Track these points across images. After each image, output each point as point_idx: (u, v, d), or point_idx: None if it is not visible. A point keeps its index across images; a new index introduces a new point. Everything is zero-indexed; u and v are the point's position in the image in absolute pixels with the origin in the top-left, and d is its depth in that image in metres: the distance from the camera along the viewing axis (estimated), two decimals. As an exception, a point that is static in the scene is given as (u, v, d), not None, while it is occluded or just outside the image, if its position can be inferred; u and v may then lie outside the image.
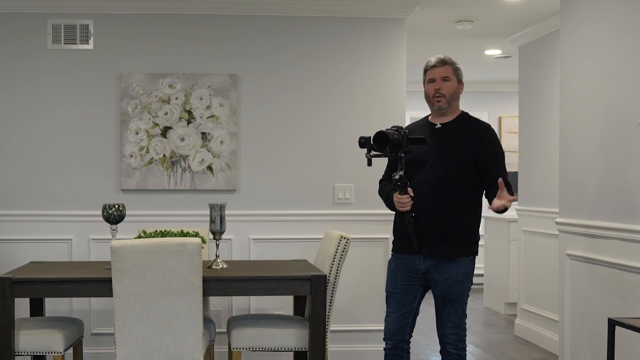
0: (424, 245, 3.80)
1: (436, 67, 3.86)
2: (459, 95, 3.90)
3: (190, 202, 5.52)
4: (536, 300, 6.57)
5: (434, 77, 3.85)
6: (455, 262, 3.79)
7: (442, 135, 3.85)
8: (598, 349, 4.27)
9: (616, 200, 4.16)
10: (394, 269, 3.92)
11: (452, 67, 3.88)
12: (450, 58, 3.90)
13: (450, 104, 3.86)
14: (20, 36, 5.49)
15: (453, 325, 3.83)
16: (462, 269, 3.81)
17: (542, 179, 6.45)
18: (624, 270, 4.06)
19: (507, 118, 10.08)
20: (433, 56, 3.92)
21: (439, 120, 3.90)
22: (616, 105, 4.16)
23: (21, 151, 5.49)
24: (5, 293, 3.95)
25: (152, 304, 3.88)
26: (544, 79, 6.44)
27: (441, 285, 3.80)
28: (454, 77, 3.86)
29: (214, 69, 5.57)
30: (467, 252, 3.83)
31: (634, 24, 4.01)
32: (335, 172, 5.66)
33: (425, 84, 3.91)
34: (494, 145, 3.85)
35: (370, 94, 5.65)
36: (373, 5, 5.60)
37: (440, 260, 3.79)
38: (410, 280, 3.86)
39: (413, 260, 3.83)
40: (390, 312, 3.91)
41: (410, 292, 3.87)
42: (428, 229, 3.78)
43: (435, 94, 3.85)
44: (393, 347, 3.92)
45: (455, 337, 3.83)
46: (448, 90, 3.84)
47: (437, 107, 3.86)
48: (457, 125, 3.87)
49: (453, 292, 3.80)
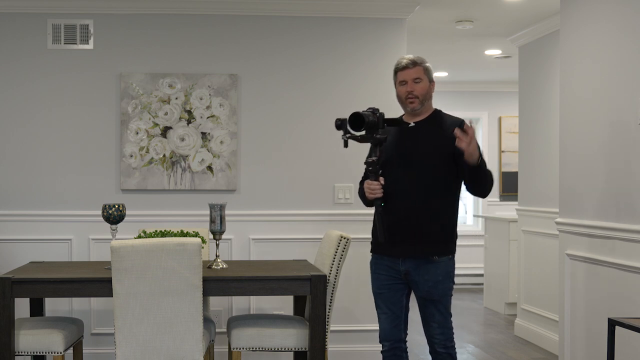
0: (401, 245, 3.76)
1: (407, 68, 3.82)
2: (431, 95, 3.87)
3: (190, 202, 5.52)
4: (536, 300, 6.57)
5: (406, 79, 3.82)
6: (434, 263, 3.75)
7: (417, 133, 3.81)
8: (598, 349, 4.27)
9: (616, 200, 4.16)
10: (375, 270, 3.90)
11: (423, 67, 3.83)
12: (420, 58, 3.86)
13: (423, 104, 3.83)
14: (20, 36, 5.49)
15: (439, 325, 3.79)
16: (442, 270, 3.76)
17: (542, 179, 6.45)
18: (624, 270, 4.06)
19: (507, 118, 10.08)
20: (403, 57, 3.89)
21: (412, 119, 3.87)
22: (616, 105, 4.17)
23: (21, 151, 5.49)
24: (5, 293, 3.95)
25: (152, 304, 3.88)
26: (544, 79, 6.44)
27: (422, 286, 3.77)
28: (425, 78, 3.82)
29: (214, 69, 5.57)
30: (445, 251, 3.78)
31: (634, 24, 4.01)
32: (335, 172, 5.66)
33: (397, 85, 3.87)
34: None
35: (370, 94, 5.65)
36: (373, 5, 5.60)
37: (419, 262, 3.75)
38: (392, 280, 3.84)
39: (393, 261, 3.81)
40: (381, 312, 3.90)
41: (396, 290, 3.84)
42: (405, 228, 3.74)
43: (407, 96, 3.82)
44: (391, 348, 3.89)
45: (443, 337, 3.79)
46: (420, 91, 3.81)
47: (411, 108, 3.83)
48: (431, 123, 3.84)
49: (434, 293, 3.76)
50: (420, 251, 3.75)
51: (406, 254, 3.77)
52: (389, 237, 3.74)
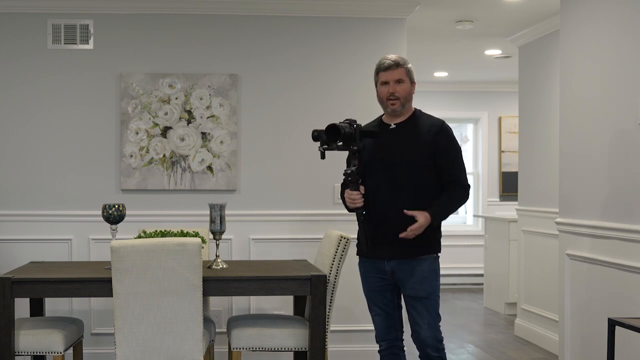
0: (385, 247, 3.76)
1: (389, 69, 3.80)
2: (412, 96, 3.86)
3: (190, 202, 5.52)
4: (536, 300, 6.56)
5: (387, 79, 3.80)
6: (418, 259, 3.75)
7: (397, 135, 3.81)
8: (598, 349, 4.27)
9: (616, 200, 4.16)
10: (364, 272, 3.91)
11: (405, 68, 3.81)
12: (403, 58, 3.84)
13: (404, 106, 3.82)
14: (20, 36, 5.49)
15: (429, 326, 3.74)
16: (427, 267, 3.76)
17: (542, 179, 6.45)
18: (624, 270, 4.06)
19: (507, 118, 10.08)
20: (386, 57, 3.85)
21: (392, 120, 3.87)
22: (616, 105, 4.16)
23: (21, 151, 5.49)
24: (5, 293, 3.95)
25: (152, 304, 3.88)
26: (544, 79, 6.44)
27: (407, 284, 3.76)
28: (407, 79, 3.81)
29: (214, 69, 5.57)
30: (429, 250, 3.78)
31: (634, 24, 4.01)
32: (335, 172, 5.64)
33: (378, 85, 3.85)
34: (449, 140, 3.80)
35: (370, 94, 5.61)
36: (373, 5, 5.60)
37: (402, 261, 3.76)
38: (381, 280, 3.84)
39: (378, 263, 3.82)
40: (375, 314, 3.91)
41: (386, 290, 3.85)
42: (386, 230, 3.74)
43: (389, 97, 3.80)
44: (387, 347, 3.90)
45: (434, 339, 3.75)
46: (402, 92, 3.79)
47: (392, 109, 3.82)
48: (411, 124, 3.83)
49: (421, 290, 3.74)
50: (403, 252, 3.75)
51: (390, 256, 3.78)
52: (372, 241, 3.75)
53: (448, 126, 3.86)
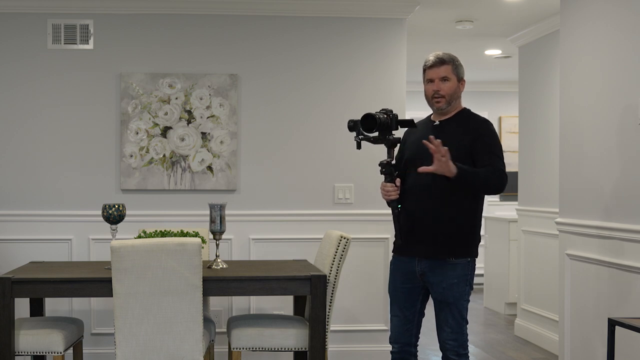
0: (419, 244, 3.70)
1: (434, 67, 3.73)
2: (459, 94, 3.77)
3: (190, 202, 5.52)
4: (536, 300, 6.57)
5: (432, 77, 3.73)
6: (451, 264, 3.67)
7: (439, 132, 3.70)
8: (598, 349, 4.27)
9: (616, 200, 4.16)
10: (393, 271, 3.86)
11: (452, 65, 3.74)
12: (449, 55, 3.76)
13: (450, 104, 3.75)
14: (20, 36, 5.49)
15: (452, 330, 3.70)
16: (458, 272, 3.68)
17: (542, 179, 6.45)
18: (624, 270, 4.06)
19: (507, 118, 10.08)
20: (432, 54, 3.79)
21: (439, 118, 3.81)
22: (616, 105, 4.16)
23: (21, 151, 5.49)
24: (5, 293, 3.95)
25: (152, 304, 3.88)
26: (544, 79, 6.44)
27: (436, 287, 3.70)
28: (454, 76, 3.73)
29: (214, 69, 5.57)
30: (463, 253, 3.70)
31: (634, 24, 4.01)
32: (335, 172, 5.66)
33: (425, 83, 3.79)
34: (488, 136, 3.71)
35: (370, 94, 5.65)
36: (373, 5, 5.60)
37: (435, 262, 3.69)
38: (409, 282, 3.78)
39: (409, 262, 3.76)
40: (393, 315, 3.87)
41: (411, 294, 3.79)
42: (422, 229, 3.69)
43: (434, 95, 3.74)
44: (399, 350, 3.85)
45: (455, 343, 3.70)
46: (447, 90, 3.72)
47: (437, 107, 3.76)
48: (455, 122, 3.76)
49: (449, 295, 3.68)
50: (436, 252, 3.68)
51: (422, 255, 3.71)
52: (407, 238, 3.71)
53: (492, 125, 3.79)
